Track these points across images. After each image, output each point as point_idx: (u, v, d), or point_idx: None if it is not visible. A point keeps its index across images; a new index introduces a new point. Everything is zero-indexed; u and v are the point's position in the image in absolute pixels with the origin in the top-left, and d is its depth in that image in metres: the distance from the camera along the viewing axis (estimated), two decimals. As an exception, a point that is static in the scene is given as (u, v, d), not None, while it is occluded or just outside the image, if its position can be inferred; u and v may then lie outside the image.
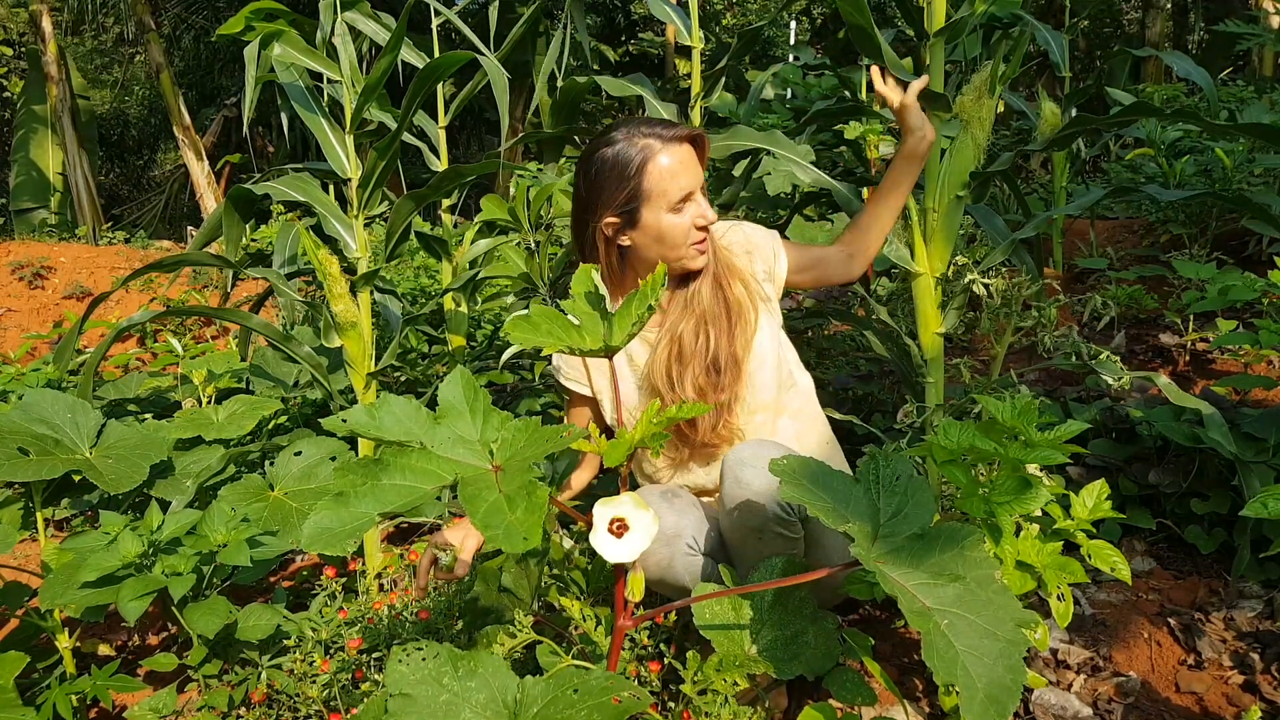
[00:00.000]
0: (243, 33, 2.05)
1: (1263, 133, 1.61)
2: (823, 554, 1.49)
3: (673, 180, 1.50)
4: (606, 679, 0.96)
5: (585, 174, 1.56)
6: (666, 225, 1.52)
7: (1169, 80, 6.30)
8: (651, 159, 1.50)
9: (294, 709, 1.61)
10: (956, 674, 0.90)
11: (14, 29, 11.55)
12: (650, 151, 1.50)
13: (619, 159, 1.51)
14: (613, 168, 1.51)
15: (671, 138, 1.51)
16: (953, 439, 1.22)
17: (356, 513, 0.91)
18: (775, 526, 1.41)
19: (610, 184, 1.52)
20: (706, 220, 1.54)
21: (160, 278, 6.34)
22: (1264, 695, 1.47)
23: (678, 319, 1.58)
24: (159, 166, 15.10)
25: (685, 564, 1.48)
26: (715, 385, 1.56)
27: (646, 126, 1.53)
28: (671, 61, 11.68)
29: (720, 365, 1.56)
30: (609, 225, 1.54)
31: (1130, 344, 2.86)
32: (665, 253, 1.55)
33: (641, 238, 1.54)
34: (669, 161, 1.50)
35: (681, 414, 1.06)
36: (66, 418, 1.90)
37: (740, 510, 1.42)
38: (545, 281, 1.81)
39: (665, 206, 1.51)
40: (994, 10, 1.80)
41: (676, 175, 1.50)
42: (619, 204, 1.52)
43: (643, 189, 1.50)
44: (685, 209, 1.52)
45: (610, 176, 1.52)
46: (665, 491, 1.57)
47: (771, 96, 4.39)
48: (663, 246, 1.54)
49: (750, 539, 1.44)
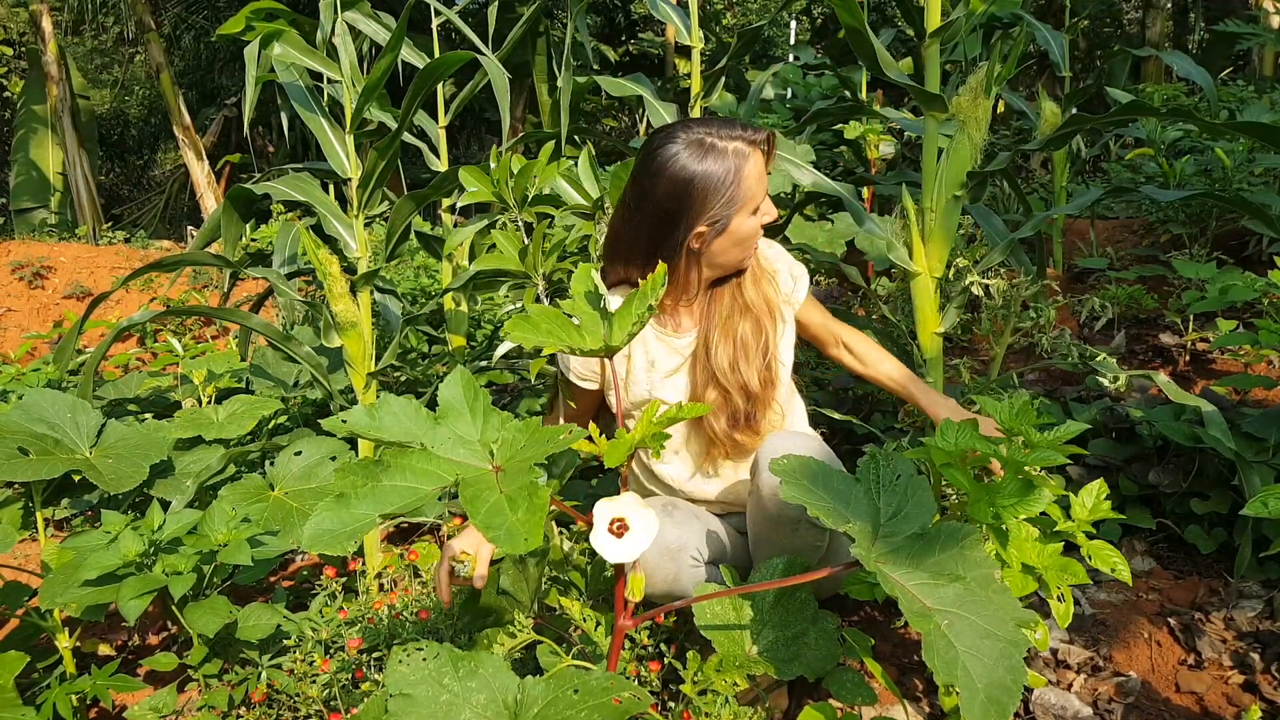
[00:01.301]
0: (243, 32, 2.05)
1: (1261, 132, 1.61)
2: (837, 549, 1.51)
3: (760, 184, 1.49)
4: (607, 679, 0.96)
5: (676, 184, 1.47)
6: (748, 229, 1.51)
7: (1169, 80, 6.30)
8: (745, 166, 1.47)
9: (294, 709, 1.61)
10: (957, 674, 0.90)
11: (14, 29, 11.55)
12: (742, 158, 1.47)
13: (714, 171, 1.46)
14: (708, 178, 1.46)
15: (756, 141, 1.48)
16: (951, 440, 1.22)
17: (357, 513, 0.91)
18: (806, 525, 1.41)
19: (708, 192, 1.46)
20: (773, 216, 1.53)
21: (160, 278, 6.34)
22: (1264, 695, 1.47)
23: (729, 314, 1.58)
24: (159, 166, 15.09)
25: (691, 577, 1.49)
26: (770, 380, 1.59)
27: (724, 129, 1.47)
28: (671, 61, 11.67)
29: (769, 358, 1.59)
30: (702, 236, 1.49)
31: (1130, 344, 2.86)
32: (736, 256, 1.54)
33: (724, 242, 1.51)
34: (757, 166, 1.49)
35: (682, 414, 1.07)
36: (67, 417, 1.90)
37: (772, 510, 1.42)
38: (539, 273, 1.78)
39: (750, 210, 1.50)
40: (994, 10, 1.80)
41: (763, 179, 1.50)
42: (712, 214, 1.47)
43: (738, 196, 1.47)
44: (761, 209, 1.52)
45: (707, 185, 1.46)
46: (666, 504, 1.57)
47: (771, 96, 4.39)
48: (741, 249, 1.53)
49: (784, 529, 1.44)
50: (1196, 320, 2.76)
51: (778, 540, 1.46)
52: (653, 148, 1.49)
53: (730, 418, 1.57)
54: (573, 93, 2.65)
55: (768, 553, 1.48)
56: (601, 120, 12.17)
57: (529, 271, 1.80)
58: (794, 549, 1.44)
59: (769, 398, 1.59)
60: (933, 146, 1.89)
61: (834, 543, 1.50)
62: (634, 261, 1.56)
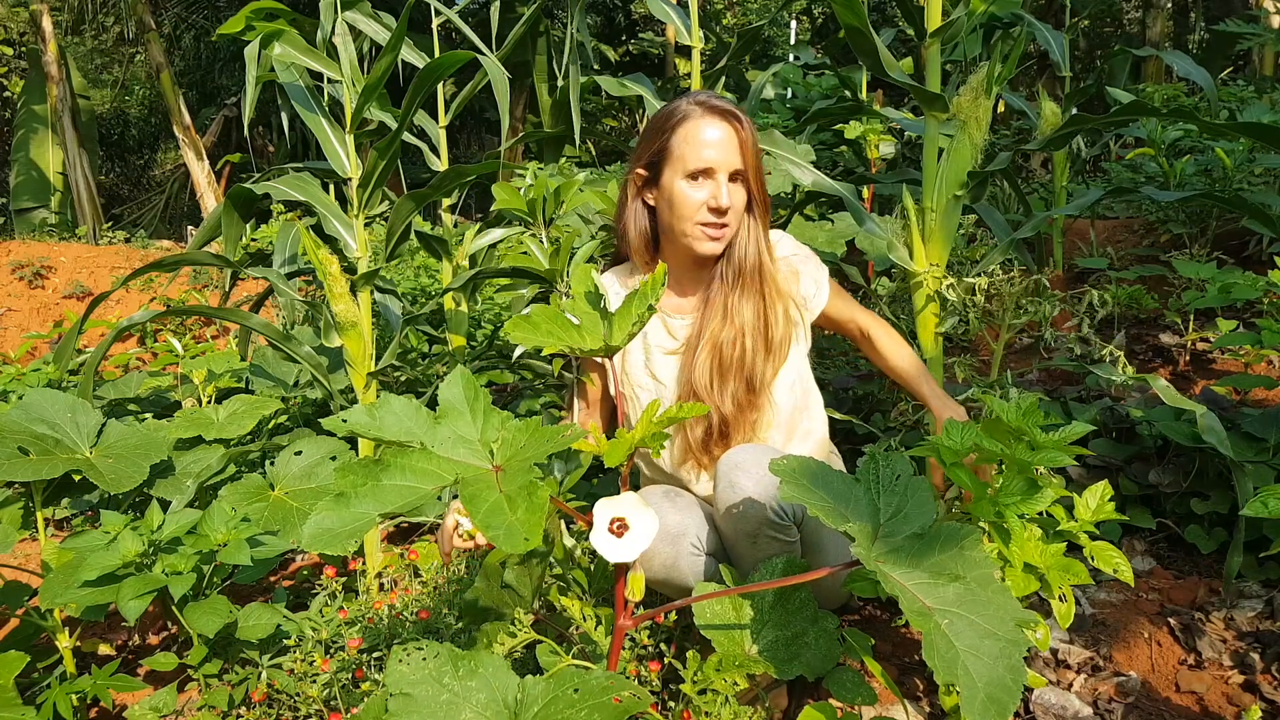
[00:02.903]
0: (243, 32, 2.05)
1: (1261, 133, 1.61)
2: (823, 558, 1.49)
3: (695, 148, 1.51)
4: (607, 678, 0.96)
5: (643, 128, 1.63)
6: (679, 191, 1.52)
7: (1170, 80, 6.30)
8: (684, 121, 1.52)
9: (294, 708, 1.61)
10: (957, 674, 0.90)
11: (14, 29, 11.54)
12: (686, 114, 1.52)
13: (661, 114, 1.57)
14: (654, 120, 1.57)
15: (710, 108, 1.52)
16: (958, 439, 1.22)
17: (357, 513, 0.91)
18: (769, 530, 1.41)
19: (647, 135, 1.58)
20: (719, 203, 1.51)
21: (160, 277, 6.34)
22: (1264, 695, 1.47)
23: (718, 327, 1.56)
24: (159, 166, 15.09)
25: (690, 564, 1.48)
26: (752, 404, 1.57)
27: (699, 96, 1.55)
28: (671, 61, 11.67)
29: (755, 385, 1.57)
30: (638, 176, 1.59)
31: (1130, 344, 2.86)
32: (677, 225, 1.55)
33: (660, 200, 1.57)
34: (699, 129, 1.51)
35: (682, 414, 1.07)
36: (67, 417, 1.90)
37: (734, 514, 1.42)
38: (565, 280, 1.82)
39: (682, 172, 1.52)
40: (994, 10, 1.80)
41: (701, 145, 1.51)
42: (648, 156, 1.56)
43: (669, 146, 1.53)
44: (703, 184, 1.52)
45: (650, 128, 1.58)
46: (668, 491, 1.57)
47: (772, 96, 4.40)
48: (673, 215, 1.55)
49: (744, 542, 1.44)
50: (1197, 320, 2.76)
51: (745, 552, 1.46)
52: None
53: (705, 430, 1.57)
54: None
55: (741, 567, 1.48)
56: (602, 120, 12.17)
57: (556, 274, 1.82)
58: (766, 559, 1.43)
59: (746, 420, 1.57)
60: (933, 146, 1.89)
61: (820, 558, 1.49)
62: (616, 232, 1.69)
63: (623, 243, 1.66)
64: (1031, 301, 1.93)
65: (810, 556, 1.48)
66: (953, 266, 2.00)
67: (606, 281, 1.68)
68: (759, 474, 1.41)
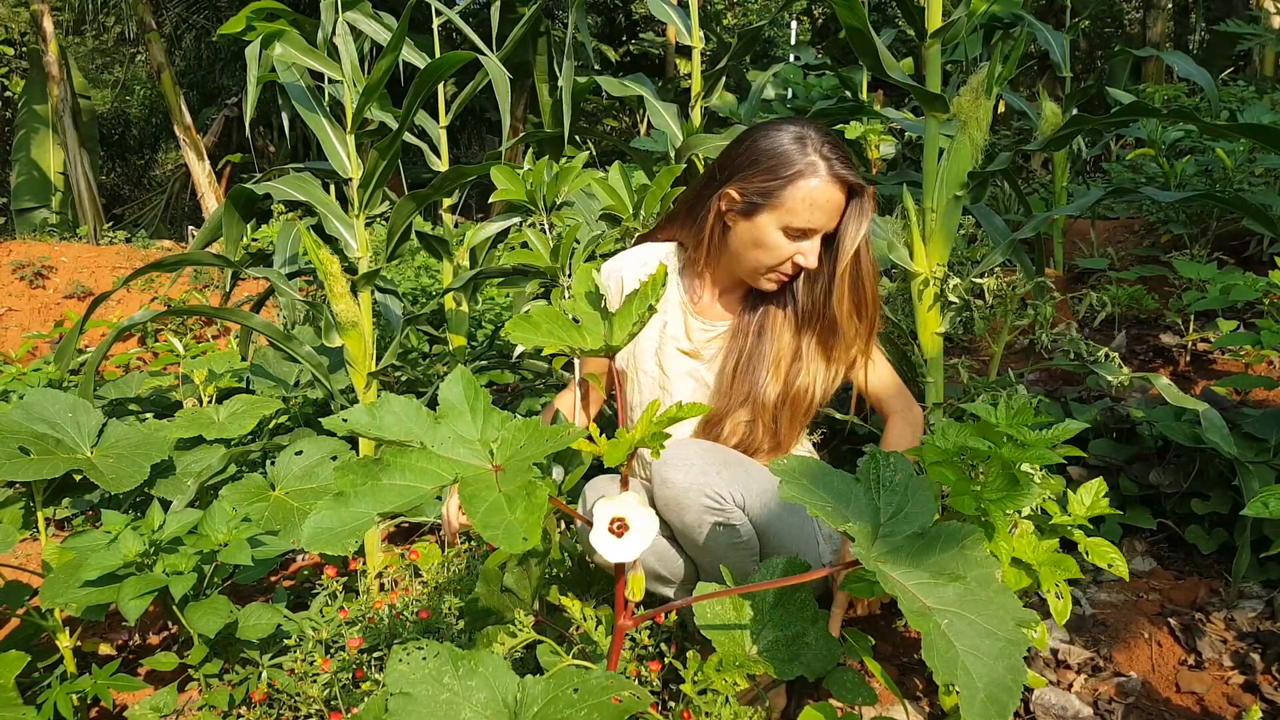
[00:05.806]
0: (244, 32, 2.06)
1: (1261, 134, 1.61)
2: (775, 542, 1.48)
3: (809, 210, 1.45)
4: (607, 678, 0.96)
5: (745, 142, 1.50)
6: (773, 239, 1.48)
7: (1170, 80, 6.30)
8: (807, 178, 1.44)
9: (295, 708, 1.61)
10: (957, 674, 0.90)
11: (15, 29, 11.55)
12: (812, 171, 1.44)
13: (783, 154, 1.45)
14: (772, 155, 1.46)
15: (837, 176, 1.45)
16: (949, 440, 1.23)
17: (357, 512, 0.91)
18: (709, 518, 1.40)
19: (759, 166, 1.46)
20: (806, 264, 1.49)
21: (161, 277, 6.35)
22: (1264, 695, 1.47)
23: (753, 344, 1.58)
24: (160, 166, 15.11)
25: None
26: (773, 431, 1.60)
27: (830, 147, 1.46)
28: (672, 61, 11.68)
29: (779, 439, 1.60)
30: (729, 198, 1.50)
31: (1131, 344, 2.86)
32: (751, 260, 1.52)
33: (745, 232, 1.50)
34: (820, 193, 1.45)
35: (681, 414, 1.07)
36: (67, 417, 1.90)
37: (673, 511, 1.42)
38: (568, 274, 1.81)
39: (783, 225, 1.47)
40: (995, 10, 1.80)
41: (815, 208, 1.45)
42: (752, 189, 1.47)
43: (781, 194, 1.45)
44: (798, 242, 1.48)
45: (764, 160, 1.46)
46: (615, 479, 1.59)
47: (772, 96, 4.39)
48: (755, 253, 1.50)
49: (692, 537, 1.44)
50: (1197, 320, 2.76)
51: (703, 550, 1.46)
52: (764, 127, 1.51)
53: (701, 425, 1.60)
54: (573, 92, 2.66)
55: (702, 565, 1.50)
56: (602, 120, 12.18)
57: (558, 269, 1.82)
58: (726, 563, 1.41)
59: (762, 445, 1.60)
60: (934, 147, 1.89)
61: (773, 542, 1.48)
62: (679, 212, 1.64)
63: (684, 232, 1.62)
64: (1034, 305, 1.93)
65: (765, 541, 1.48)
66: (953, 266, 2.00)
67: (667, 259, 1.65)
68: (686, 465, 1.41)
